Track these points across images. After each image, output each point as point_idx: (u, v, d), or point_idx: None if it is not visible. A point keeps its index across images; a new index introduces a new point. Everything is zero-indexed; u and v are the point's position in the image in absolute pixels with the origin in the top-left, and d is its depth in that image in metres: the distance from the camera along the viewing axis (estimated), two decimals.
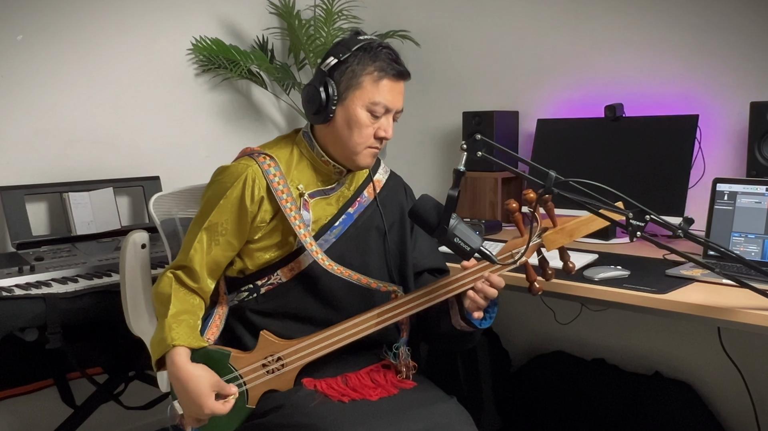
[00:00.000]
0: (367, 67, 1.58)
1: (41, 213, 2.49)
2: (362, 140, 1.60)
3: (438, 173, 3.06)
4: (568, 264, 1.50)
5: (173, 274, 1.62)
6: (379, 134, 1.60)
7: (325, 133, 1.64)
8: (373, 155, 1.64)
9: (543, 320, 2.65)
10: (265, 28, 3.04)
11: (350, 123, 1.59)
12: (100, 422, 2.55)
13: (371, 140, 1.61)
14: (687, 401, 2.35)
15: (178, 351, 1.51)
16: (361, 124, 1.59)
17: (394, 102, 1.60)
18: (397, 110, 1.62)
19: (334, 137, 1.62)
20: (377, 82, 1.58)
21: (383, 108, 1.59)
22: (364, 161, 1.63)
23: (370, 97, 1.58)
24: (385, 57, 1.58)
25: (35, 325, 1.98)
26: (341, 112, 1.60)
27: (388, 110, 1.60)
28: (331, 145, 1.64)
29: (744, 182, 1.92)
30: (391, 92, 1.59)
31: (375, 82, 1.58)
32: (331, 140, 1.63)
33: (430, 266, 1.77)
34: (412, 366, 1.64)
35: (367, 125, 1.59)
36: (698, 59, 2.32)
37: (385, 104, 1.59)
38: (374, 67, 1.58)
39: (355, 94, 1.58)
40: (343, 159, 1.65)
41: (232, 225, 1.61)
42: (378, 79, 1.57)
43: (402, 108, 1.64)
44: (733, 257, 1.56)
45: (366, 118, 1.59)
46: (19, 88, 2.45)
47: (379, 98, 1.58)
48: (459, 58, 2.95)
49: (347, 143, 1.61)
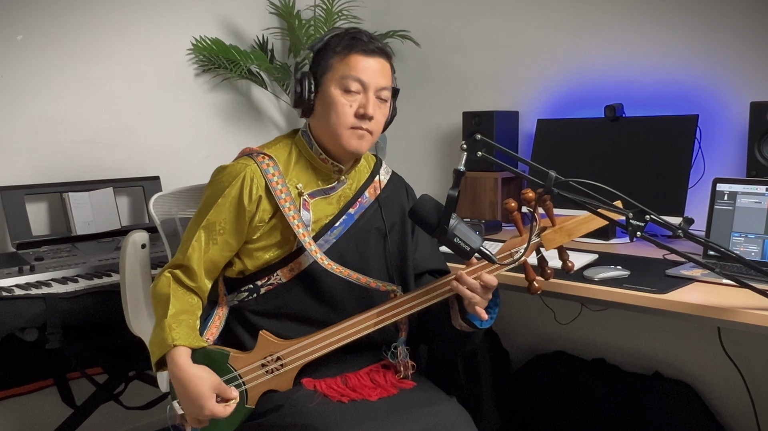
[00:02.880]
0: (336, 48, 1.60)
1: (41, 213, 2.49)
2: (341, 120, 1.58)
3: (438, 173, 3.06)
4: (567, 263, 1.50)
5: (171, 274, 1.62)
6: (359, 111, 1.58)
7: (315, 126, 1.65)
8: (358, 136, 1.60)
9: (543, 320, 2.65)
10: (265, 28, 3.04)
11: (327, 106, 1.60)
12: (100, 422, 2.55)
13: (351, 119, 1.59)
14: (687, 401, 2.35)
15: (179, 351, 1.51)
16: (336, 102, 1.58)
17: (368, 76, 1.58)
18: (378, 87, 1.60)
19: (321, 127, 1.63)
20: (345, 58, 1.59)
21: (355, 82, 1.58)
22: (349, 143, 1.60)
23: (340, 74, 1.59)
24: (352, 36, 1.60)
25: (35, 325, 1.98)
26: (320, 100, 1.61)
27: (363, 85, 1.58)
28: (322, 137, 1.64)
29: (744, 182, 1.92)
30: (362, 66, 1.58)
31: (343, 59, 1.59)
32: (320, 131, 1.64)
33: (431, 268, 1.76)
34: (411, 366, 1.64)
35: (342, 103, 1.58)
36: (698, 59, 2.32)
37: (356, 77, 1.58)
38: (341, 47, 1.60)
39: (327, 77, 1.60)
40: (333, 148, 1.63)
41: (230, 225, 1.60)
42: (345, 55, 1.59)
43: (385, 86, 1.61)
44: (733, 257, 1.56)
45: (340, 95, 1.58)
46: (19, 88, 2.45)
47: (347, 72, 1.58)
48: (459, 58, 2.95)
49: (329, 127, 1.60)
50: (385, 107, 1.64)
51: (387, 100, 1.63)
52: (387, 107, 1.65)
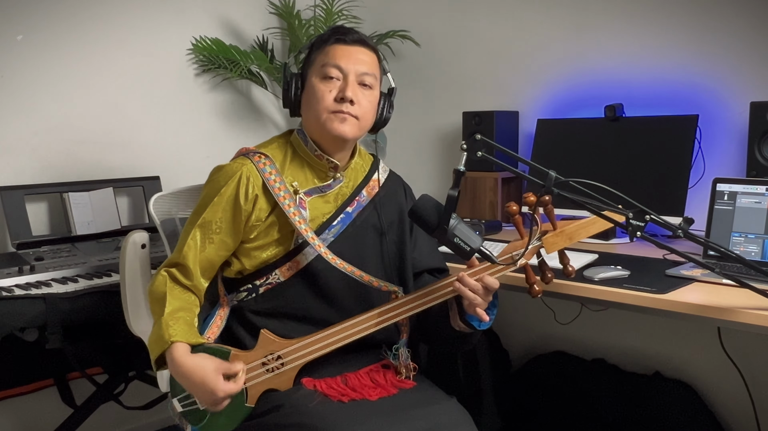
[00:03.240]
0: (318, 44, 1.65)
1: (41, 213, 2.49)
2: (321, 105, 1.60)
3: (438, 173, 3.06)
4: (568, 268, 1.50)
5: (167, 272, 1.62)
6: (338, 95, 1.60)
7: (305, 121, 1.67)
8: (340, 120, 1.60)
9: (543, 321, 2.65)
10: (265, 28, 3.04)
11: (310, 97, 1.63)
12: (100, 422, 2.55)
13: (331, 103, 1.60)
14: (687, 401, 2.35)
15: (177, 346, 1.51)
16: (316, 90, 1.61)
17: (346, 62, 1.60)
18: (358, 72, 1.61)
19: (308, 119, 1.65)
20: (324, 50, 1.63)
21: (334, 68, 1.60)
22: (331, 126, 1.60)
23: (320, 64, 1.62)
24: (333, 30, 1.65)
25: (35, 325, 1.98)
26: (305, 95, 1.65)
27: (342, 71, 1.60)
28: (311, 129, 1.65)
29: (744, 182, 1.92)
30: (341, 54, 1.61)
31: (322, 52, 1.63)
32: (309, 124, 1.66)
33: (429, 267, 1.77)
34: (412, 367, 1.64)
35: (322, 89, 1.60)
36: (698, 59, 2.32)
37: (334, 63, 1.60)
38: (320, 42, 1.64)
39: (310, 71, 1.65)
40: (321, 137, 1.64)
41: (226, 224, 1.61)
42: (324, 47, 1.63)
43: (367, 71, 1.62)
44: (733, 257, 1.56)
45: (319, 82, 1.61)
46: (19, 88, 2.45)
47: (326, 60, 1.61)
48: (459, 58, 2.95)
49: (313, 115, 1.62)
50: (371, 94, 1.64)
51: (372, 86, 1.64)
52: (373, 95, 1.65)
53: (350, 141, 1.66)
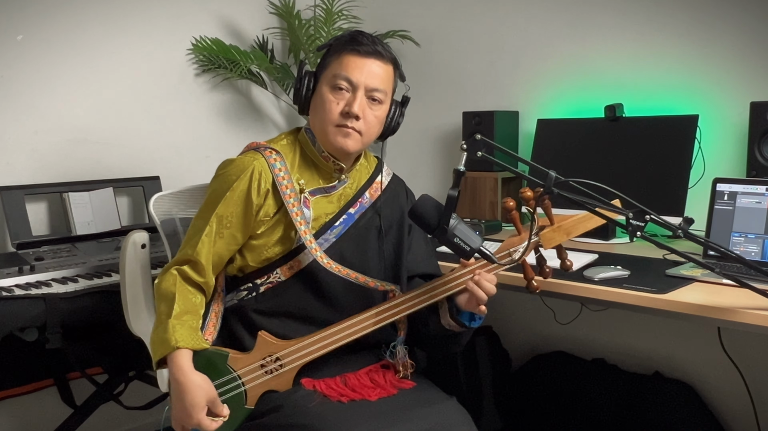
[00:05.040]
0: (335, 48, 1.62)
1: (41, 213, 2.49)
2: (327, 117, 1.60)
3: (438, 173, 3.06)
4: (566, 262, 1.51)
5: (178, 271, 1.60)
6: (344, 109, 1.59)
7: (312, 123, 1.67)
8: (344, 134, 1.60)
9: (543, 320, 2.65)
10: (265, 28, 3.04)
11: (317, 104, 1.62)
12: (100, 422, 2.55)
13: (336, 116, 1.59)
14: (687, 401, 2.35)
15: (182, 353, 1.51)
16: (324, 100, 1.60)
17: (357, 76, 1.58)
18: (369, 87, 1.59)
19: (315, 124, 1.65)
20: (339, 58, 1.61)
21: (344, 80, 1.59)
22: (335, 140, 1.61)
23: (332, 72, 1.60)
24: (352, 36, 1.61)
25: (35, 325, 1.98)
26: (314, 98, 1.64)
27: (352, 84, 1.59)
28: (317, 134, 1.65)
29: (744, 182, 1.92)
30: (354, 66, 1.59)
31: (337, 59, 1.61)
32: (315, 128, 1.65)
33: (422, 272, 1.75)
34: (410, 365, 1.64)
35: (330, 100, 1.59)
36: (698, 59, 2.32)
37: (345, 75, 1.58)
38: (338, 47, 1.62)
39: (323, 76, 1.63)
40: (325, 144, 1.64)
41: (237, 219, 1.60)
42: (339, 55, 1.61)
43: (378, 87, 1.60)
44: (733, 257, 1.56)
45: (328, 92, 1.60)
46: (19, 88, 2.45)
47: (338, 71, 1.59)
48: (459, 58, 2.95)
49: (319, 123, 1.62)
50: (379, 109, 1.62)
51: (381, 101, 1.62)
52: (381, 110, 1.63)
53: (353, 153, 1.66)
